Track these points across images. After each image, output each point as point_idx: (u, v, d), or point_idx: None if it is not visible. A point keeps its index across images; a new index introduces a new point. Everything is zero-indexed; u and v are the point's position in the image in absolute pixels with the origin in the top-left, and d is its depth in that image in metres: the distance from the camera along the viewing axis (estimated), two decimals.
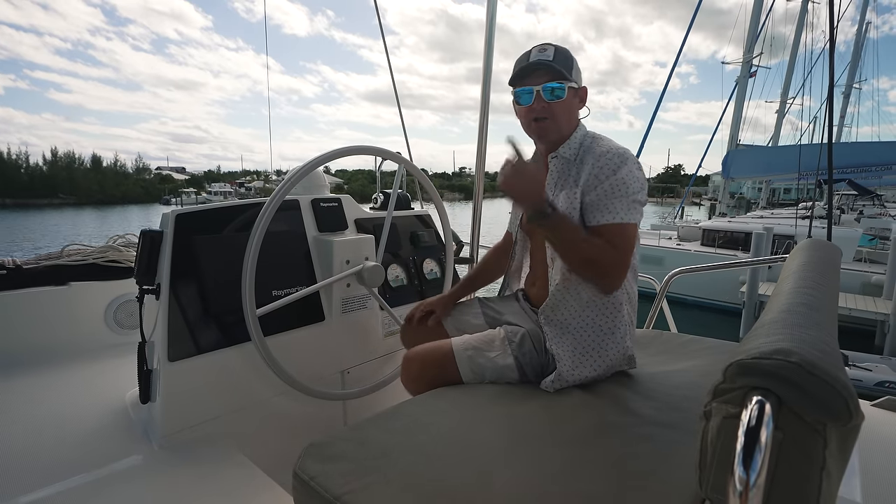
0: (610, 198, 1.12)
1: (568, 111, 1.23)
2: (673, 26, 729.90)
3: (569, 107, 1.22)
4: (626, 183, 1.11)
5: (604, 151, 1.16)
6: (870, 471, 1.02)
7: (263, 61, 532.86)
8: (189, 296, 1.25)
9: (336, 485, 0.80)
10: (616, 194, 1.11)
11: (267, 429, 1.39)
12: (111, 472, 1.09)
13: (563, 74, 1.19)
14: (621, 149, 1.16)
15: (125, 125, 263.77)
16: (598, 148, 1.18)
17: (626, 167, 1.12)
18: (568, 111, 1.23)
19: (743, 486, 0.45)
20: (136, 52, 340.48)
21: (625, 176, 1.12)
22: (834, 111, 1.86)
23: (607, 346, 1.17)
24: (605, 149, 1.16)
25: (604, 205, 1.12)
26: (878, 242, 12.52)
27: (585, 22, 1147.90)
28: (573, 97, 1.23)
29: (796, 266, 0.97)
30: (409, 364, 1.24)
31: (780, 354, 0.48)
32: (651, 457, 0.87)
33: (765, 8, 18.08)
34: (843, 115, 27.53)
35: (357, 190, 36.10)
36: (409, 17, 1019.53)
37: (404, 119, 2.75)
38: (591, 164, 1.16)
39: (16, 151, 57.30)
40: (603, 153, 1.15)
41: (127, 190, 59.05)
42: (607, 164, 1.13)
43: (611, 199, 1.11)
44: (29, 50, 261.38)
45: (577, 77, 1.23)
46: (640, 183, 1.13)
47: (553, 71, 1.19)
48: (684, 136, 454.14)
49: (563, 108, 1.21)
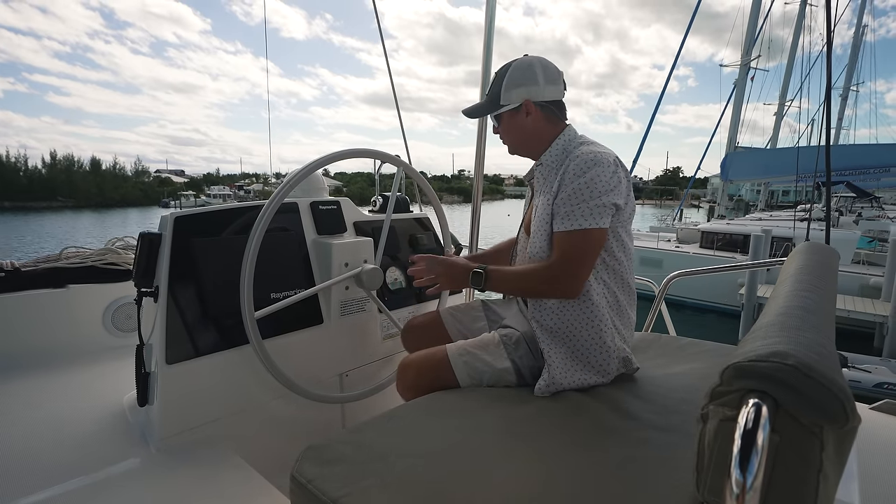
0: (573, 203, 1.14)
1: (513, 131, 1.31)
2: (670, 29, 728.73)
3: (511, 127, 1.31)
4: (591, 186, 1.12)
5: (576, 155, 1.18)
6: (868, 474, 1.02)
7: (262, 64, 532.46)
8: (187, 298, 1.25)
9: (334, 488, 0.80)
10: (579, 199, 1.13)
11: (265, 432, 1.38)
12: (109, 475, 1.09)
13: (489, 106, 1.32)
14: (597, 153, 1.16)
15: (124, 128, 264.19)
16: (575, 153, 1.20)
17: (595, 170, 1.13)
18: (513, 131, 1.31)
19: (740, 489, 0.45)
20: (134, 56, 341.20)
21: (591, 179, 1.12)
22: (832, 113, 1.87)
23: (595, 348, 1.16)
24: (578, 153, 1.18)
25: (566, 211, 1.14)
26: (878, 244, 12.55)
27: (583, 25, 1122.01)
28: (511, 118, 1.30)
29: (794, 269, 0.97)
30: (404, 371, 1.24)
31: (776, 357, 0.48)
32: (649, 460, 0.87)
33: (762, 11, 18.16)
34: (841, 118, 27.58)
35: (356, 192, 36.14)
36: (407, 21, 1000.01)
37: (403, 122, 2.75)
38: (564, 169, 1.19)
39: (15, 154, 57.56)
40: (574, 157, 1.18)
41: (126, 193, 58.95)
42: (575, 168, 1.15)
43: (573, 205, 1.13)
44: (28, 53, 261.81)
45: (511, 98, 1.27)
46: (608, 185, 1.13)
47: (482, 107, 1.36)
48: (682, 138, 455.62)
49: (506, 130, 1.33)
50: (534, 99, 1.26)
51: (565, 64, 13.90)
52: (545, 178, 1.26)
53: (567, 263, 1.14)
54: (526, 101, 1.26)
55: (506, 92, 1.27)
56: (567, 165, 1.18)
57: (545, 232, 1.20)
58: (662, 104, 18.63)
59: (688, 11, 33.89)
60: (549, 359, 1.16)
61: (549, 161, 1.26)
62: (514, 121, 1.29)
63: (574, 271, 1.14)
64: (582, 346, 1.17)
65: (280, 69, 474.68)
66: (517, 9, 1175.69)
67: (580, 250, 1.13)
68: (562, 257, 1.15)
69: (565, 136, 1.27)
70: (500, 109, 1.29)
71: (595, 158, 1.15)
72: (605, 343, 1.16)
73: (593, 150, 1.18)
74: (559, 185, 1.18)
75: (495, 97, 1.29)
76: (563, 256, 1.14)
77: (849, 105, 28.80)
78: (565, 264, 1.14)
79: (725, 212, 19.30)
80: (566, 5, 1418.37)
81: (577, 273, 1.14)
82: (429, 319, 1.48)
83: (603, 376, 1.17)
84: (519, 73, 1.26)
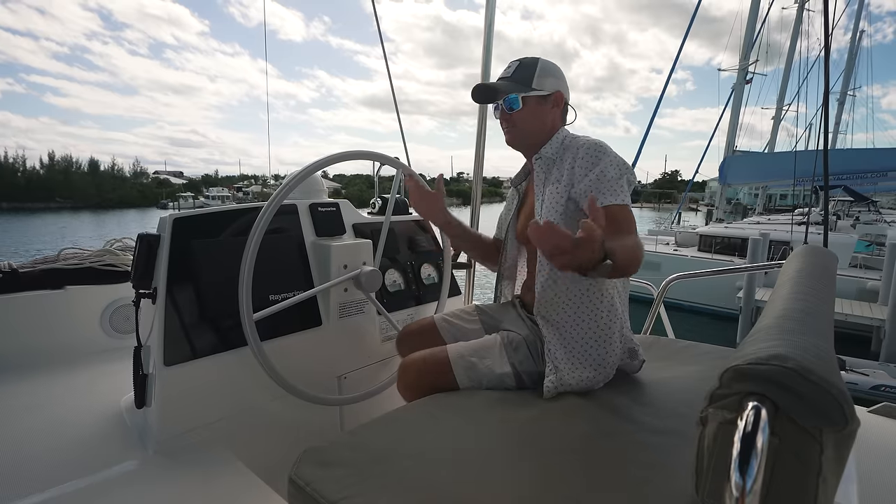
0: (606, 181, 1.15)
1: (533, 117, 1.29)
2: (668, 34, 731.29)
3: (534, 113, 1.29)
4: (613, 167, 1.16)
5: (581, 145, 1.21)
6: (867, 477, 1.02)
7: (260, 66, 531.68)
8: (186, 300, 1.25)
9: (332, 490, 0.80)
10: (610, 177, 1.15)
11: (263, 434, 1.38)
12: (106, 477, 1.09)
13: (518, 87, 1.26)
14: (598, 141, 1.21)
15: (122, 129, 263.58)
16: (575, 143, 1.23)
17: (607, 154, 1.18)
18: (533, 117, 1.29)
19: (739, 492, 0.45)
20: (132, 57, 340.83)
21: (609, 162, 1.17)
22: (829, 118, 1.88)
23: (602, 343, 1.17)
24: (581, 143, 1.22)
25: (605, 188, 1.15)
26: (875, 248, 12.59)
27: (581, 29, 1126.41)
28: (538, 104, 1.28)
29: (792, 272, 0.97)
30: (405, 371, 1.24)
31: (775, 360, 0.48)
32: (648, 463, 0.87)
33: (760, 15, 18.23)
34: (839, 122, 27.76)
35: (355, 194, 36.05)
36: (405, 24, 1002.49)
37: (402, 124, 2.76)
38: (571, 159, 1.21)
39: (13, 155, 57.38)
40: (580, 146, 1.21)
41: (124, 194, 58.75)
42: (587, 154, 1.19)
43: (608, 182, 1.15)
44: (26, 54, 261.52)
45: (544, 84, 1.28)
46: (623, 165, 1.19)
47: (509, 86, 1.28)
48: (680, 142, 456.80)
49: (525, 115, 1.28)
50: (565, 94, 1.31)
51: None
52: (546, 172, 1.28)
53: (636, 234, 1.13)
54: (558, 92, 1.29)
55: (539, 78, 1.27)
56: (575, 154, 1.21)
57: (559, 222, 1.20)
58: (660, 108, 18.70)
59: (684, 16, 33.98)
60: (555, 359, 1.16)
61: (549, 154, 1.28)
62: (539, 108, 1.28)
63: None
64: (589, 341, 1.17)
65: (278, 71, 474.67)
66: (514, 13, 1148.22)
67: (631, 222, 1.15)
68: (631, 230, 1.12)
69: (563, 132, 1.31)
70: (531, 91, 1.27)
71: (600, 145, 1.20)
72: (614, 336, 1.18)
73: (592, 138, 1.23)
74: (570, 174, 1.20)
75: (526, 80, 1.27)
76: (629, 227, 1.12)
77: (846, 109, 28.99)
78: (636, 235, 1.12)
79: (724, 215, 19.37)
80: (564, 9, 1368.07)
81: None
82: (423, 326, 1.47)
83: (608, 371, 1.18)
84: (551, 66, 1.29)
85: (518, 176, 1.47)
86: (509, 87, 1.28)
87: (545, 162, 1.28)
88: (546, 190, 1.24)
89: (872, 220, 16.51)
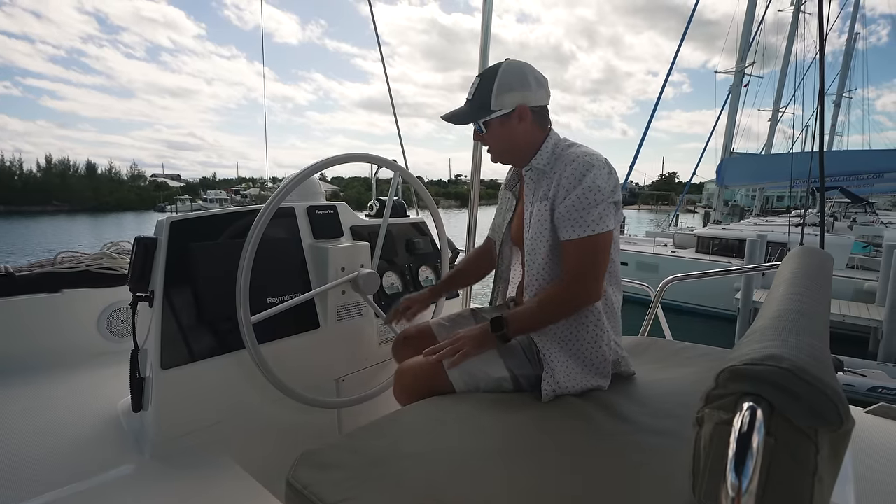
0: (579, 210, 1.13)
1: (501, 138, 1.25)
2: (663, 37, 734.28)
3: (499, 135, 1.25)
4: (594, 190, 1.13)
5: (570, 160, 1.16)
6: (863, 477, 1.03)
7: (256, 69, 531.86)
8: (183, 303, 1.25)
9: (329, 493, 0.80)
10: (584, 204, 1.13)
11: (260, 437, 1.38)
12: (103, 481, 1.08)
13: (477, 112, 1.24)
14: (588, 155, 1.16)
15: (120, 132, 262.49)
16: (566, 156, 1.18)
17: (592, 173, 1.13)
18: (501, 138, 1.25)
19: (735, 492, 0.45)
20: (129, 60, 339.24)
21: (591, 183, 1.13)
22: (825, 120, 1.89)
23: (594, 351, 1.17)
24: (571, 157, 1.17)
25: (574, 218, 1.13)
26: (872, 250, 12.63)
27: (577, 32, 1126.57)
28: (501, 124, 1.23)
29: (788, 273, 0.97)
30: (401, 377, 1.23)
31: (771, 360, 0.48)
32: (645, 464, 0.87)
33: (756, 18, 18.31)
34: (835, 124, 27.86)
35: (353, 197, 36.07)
36: (401, 27, 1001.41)
37: (400, 126, 2.76)
38: (559, 174, 1.17)
39: (9, 158, 57.07)
40: (569, 162, 1.16)
41: (122, 197, 58.67)
42: (573, 173, 1.14)
43: (580, 211, 1.13)
44: (22, 57, 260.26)
45: (503, 102, 1.21)
46: (609, 187, 1.14)
47: (468, 113, 1.26)
48: (676, 144, 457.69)
49: (493, 137, 1.26)
50: (528, 104, 1.22)
51: (560, 69, 13.88)
52: (536, 184, 1.25)
53: (582, 274, 1.13)
54: (520, 105, 1.21)
55: (497, 97, 1.20)
56: (562, 170, 1.17)
57: (545, 240, 1.19)
58: (656, 110, 18.76)
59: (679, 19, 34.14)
60: (551, 364, 1.16)
61: (539, 165, 1.24)
62: (504, 127, 1.23)
63: (594, 275, 1.14)
64: (582, 349, 1.18)
65: (275, 74, 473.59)
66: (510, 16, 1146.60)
67: (592, 256, 1.13)
68: (575, 268, 1.14)
69: (552, 140, 1.25)
70: (491, 115, 1.22)
71: (589, 161, 1.15)
72: (601, 345, 1.17)
73: (584, 150, 1.18)
74: (555, 191, 1.17)
75: (484, 102, 1.22)
76: (577, 268, 1.14)
77: (842, 111, 29.11)
78: (580, 276, 1.13)
79: (721, 217, 19.41)
80: (560, 13, 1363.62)
81: (596, 276, 1.14)
82: (420, 331, 1.47)
83: (603, 378, 1.18)
84: (511, 77, 1.21)
85: (511, 178, 1.45)
86: (467, 116, 1.25)
87: (535, 173, 1.25)
88: (534, 206, 1.23)
89: (869, 221, 16.57)
